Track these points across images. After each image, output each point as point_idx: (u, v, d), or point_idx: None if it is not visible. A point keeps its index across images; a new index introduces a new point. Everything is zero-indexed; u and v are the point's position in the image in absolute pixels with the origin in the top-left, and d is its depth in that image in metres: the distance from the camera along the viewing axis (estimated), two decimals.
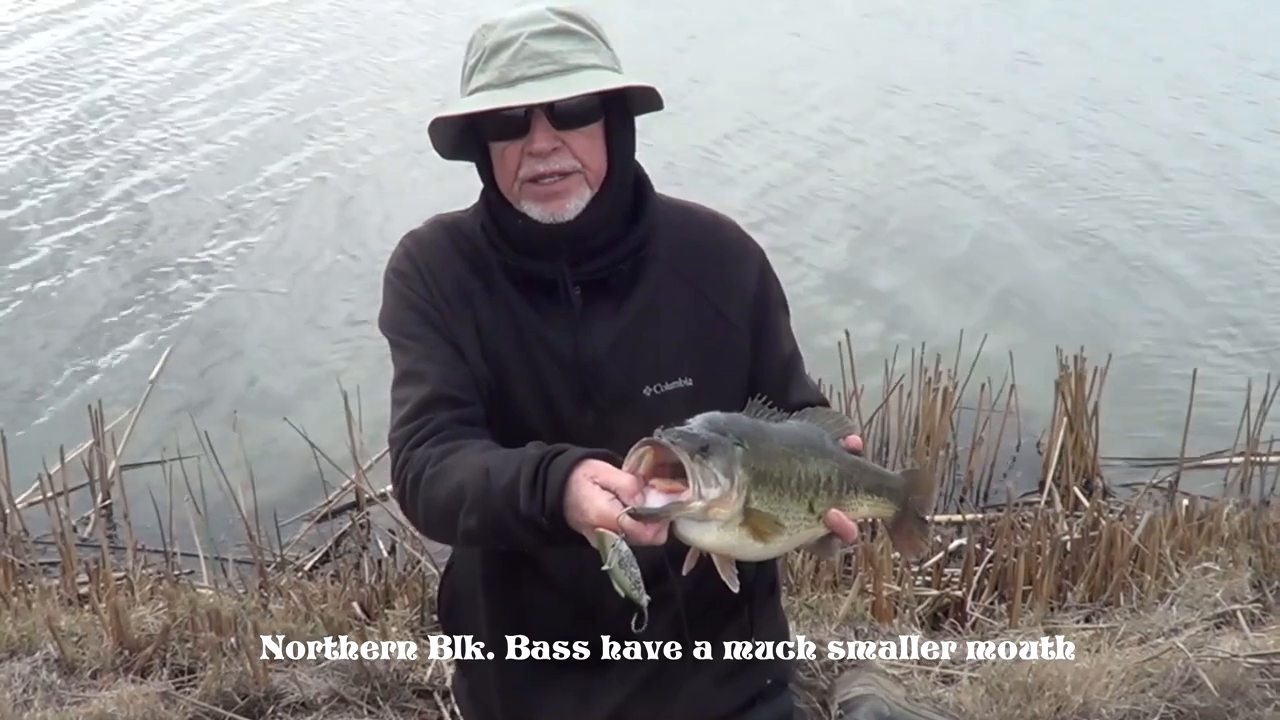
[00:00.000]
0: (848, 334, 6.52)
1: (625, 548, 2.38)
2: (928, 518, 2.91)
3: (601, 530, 2.38)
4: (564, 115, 2.74)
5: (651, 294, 2.94)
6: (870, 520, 2.75)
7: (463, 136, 2.89)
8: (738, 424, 2.43)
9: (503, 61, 2.71)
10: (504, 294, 2.94)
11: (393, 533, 6.13)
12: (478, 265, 2.96)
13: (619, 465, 2.42)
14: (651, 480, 2.38)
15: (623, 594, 2.40)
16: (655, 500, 2.36)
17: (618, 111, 2.84)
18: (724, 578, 2.50)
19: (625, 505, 2.36)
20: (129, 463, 6.78)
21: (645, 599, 2.42)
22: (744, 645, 3.20)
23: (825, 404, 3.04)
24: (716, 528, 2.39)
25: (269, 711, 4.28)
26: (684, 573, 2.53)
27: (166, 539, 6.04)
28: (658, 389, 2.91)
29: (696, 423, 2.39)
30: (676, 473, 2.36)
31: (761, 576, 3.23)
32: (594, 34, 2.81)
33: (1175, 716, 4.11)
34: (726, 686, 3.20)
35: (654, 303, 2.94)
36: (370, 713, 4.27)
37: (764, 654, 3.25)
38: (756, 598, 3.21)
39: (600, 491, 2.41)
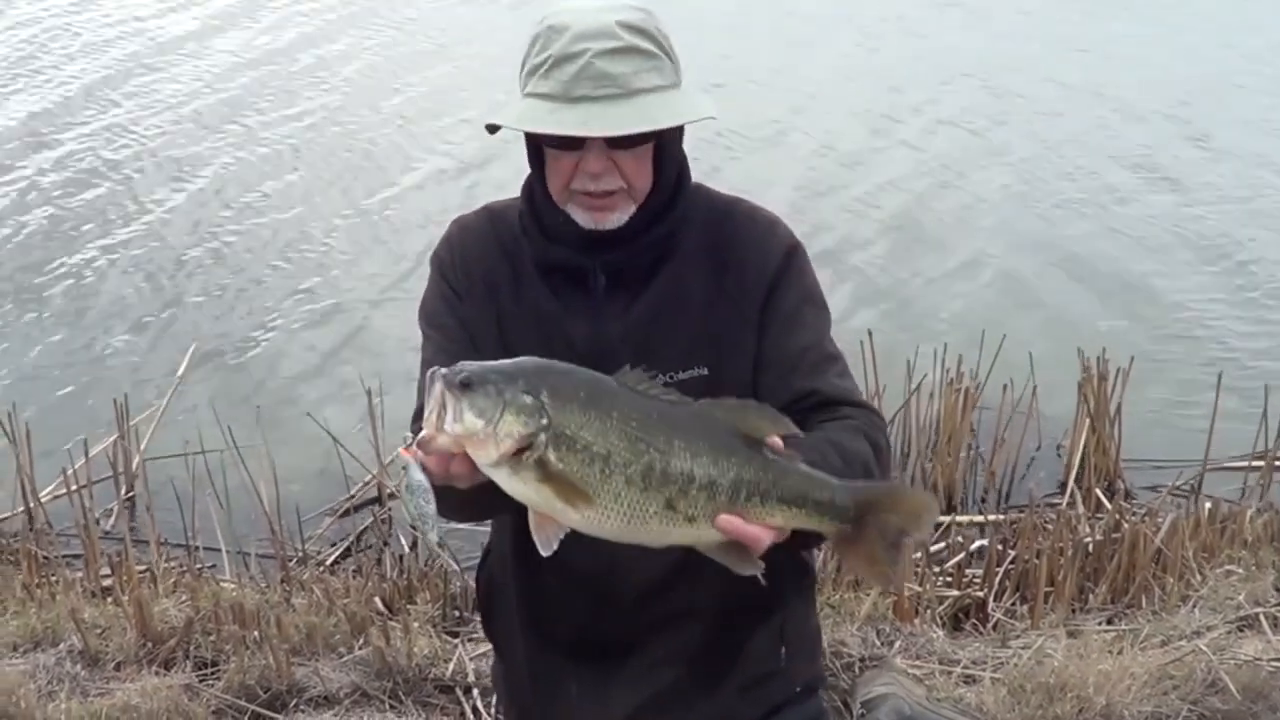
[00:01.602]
0: (870, 334, 6.51)
1: (417, 475, 2.43)
2: (904, 544, 2.57)
3: (401, 454, 2.44)
4: (619, 140, 2.75)
5: (672, 284, 2.94)
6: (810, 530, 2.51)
7: None
8: (546, 377, 2.42)
9: (566, 76, 2.71)
10: (530, 283, 2.97)
11: (415, 528, 6.12)
12: (510, 254, 2.99)
13: None
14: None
15: (409, 519, 2.45)
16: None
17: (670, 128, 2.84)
18: (535, 539, 2.48)
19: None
20: (152, 456, 6.80)
21: (434, 535, 2.45)
22: (773, 653, 3.19)
23: (860, 405, 2.93)
24: (506, 474, 2.38)
25: (291, 705, 4.31)
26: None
27: (189, 532, 6.08)
28: (672, 377, 2.87)
29: (501, 363, 2.43)
30: None
31: (795, 583, 3.21)
32: (660, 49, 2.80)
33: (1198, 719, 4.11)
34: (751, 694, 3.17)
35: (674, 292, 2.94)
36: (392, 707, 4.29)
37: (794, 661, 3.24)
38: (790, 605, 3.19)
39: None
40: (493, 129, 2.84)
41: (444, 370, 2.39)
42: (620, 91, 2.72)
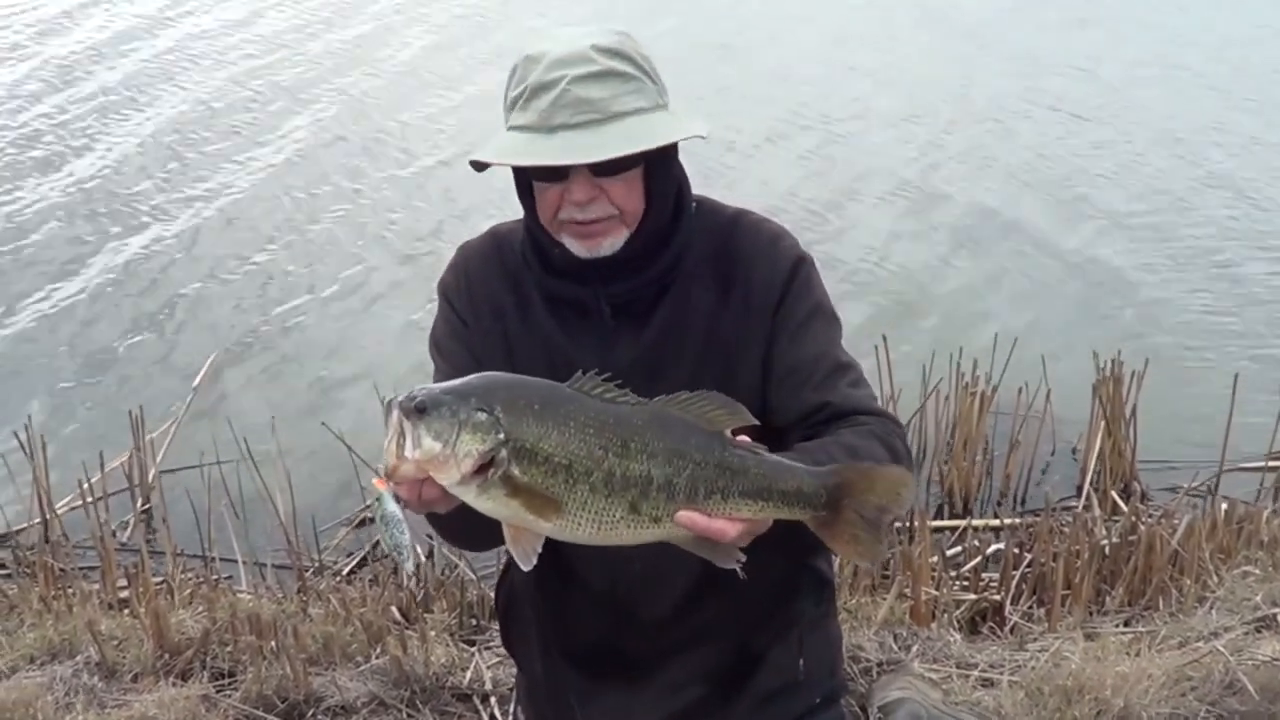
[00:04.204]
0: (885, 338, 6.51)
1: (391, 507, 2.44)
2: (884, 521, 2.57)
3: (375, 485, 2.45)
4: (603, 166, 2.71)
5: (679, 307, 2.93)
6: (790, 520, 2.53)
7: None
8: (498, 392, 2.43)
9: (544, 105, 2.68)
10: (536, 312, 2.96)
11: (430, 537, 6.12)
12: (516, 280, 2.99)
13: None
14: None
15: (385, 550, 2.46)
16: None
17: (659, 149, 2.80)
18: (513, 554, 2.49)
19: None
20: (168, 467, 6.82)
21: (409, 564, 2.47)
22: (792, 666, 3.18)
23: (874, 413, 2.90)
24: (474, 493, 2.39)
25: (309, 715, 4.31)
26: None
27: (205, 544, 6.09)
28: None
29: (455, 383, 2.44)
30: None
31: (813, 595, 3.20)
32: (639, 71, 2.76)
33: None
34: (771, 706, 3.16)
35: (681, 315, 2.92)
36: (410, 716, 4.29)
37: (813, 673, 3.23)
38: (808, 618, 3.19)
39: None
40: (479, 167, 2.82)
41: (399, 397, 2.39)
42: (599, 117, 2.68)
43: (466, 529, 2.66)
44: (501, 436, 2.38)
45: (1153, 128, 12.27)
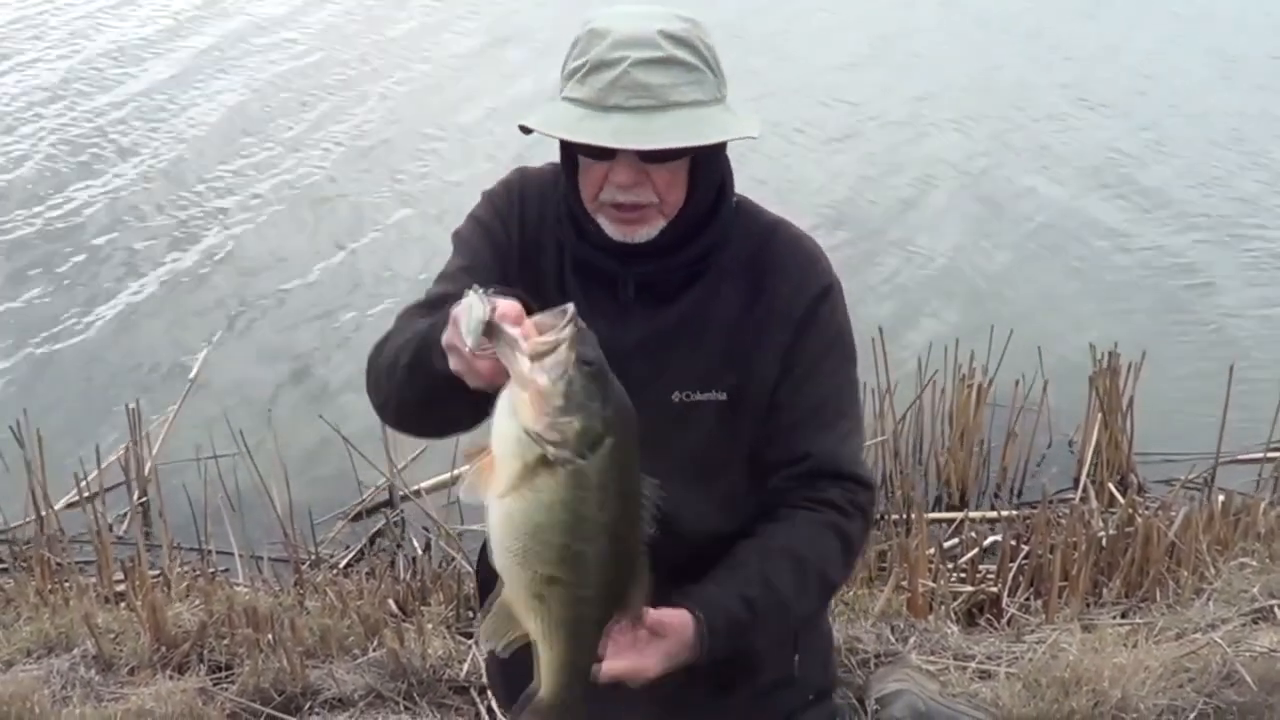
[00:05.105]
0: (881, 331, 6.51)
1: (478, 315, 2.29)
2: None
3: (474, 298, 2.30)
4: (651, 152, 2.70)
5: (701, 302, 2.92)
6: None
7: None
8: (625, 431, 2.35)
9: (602, 83, 2.66)
10: (566, 266, 2.96)
11: (427, 530, 6.14)
12: (558, 228, 2.97)
13: None
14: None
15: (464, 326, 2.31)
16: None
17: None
18: (464, 476, 2.40)
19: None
20: (164, 461, 6.81)
21: (471, 339, 2.32)
22: (786, 661, 3.17)
23: (848, 478, 2.94)
24: (514, 427, 2.28)
25: (306, 707, 4.30)
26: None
27: (202, 537, 6.08)
28: (688, 396, 2.89)
29: (615, 383, 2.36)
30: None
31: None
32: (702, 62, 2.74)
33: (1213, 712, 4.10)
34: (764, 702, 3.16)
35: (702, 311, 2.92)
36: (407, 708, 4.29)
37: (807, 668, 3.22)
38: None
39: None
40: (526, 130, 2.76)
41: (582, 326, 2.31)
42: (655, 103, 2.66)
43: (443, 393, 2.54)
44: (584, 454, 2.30)
45: (1153, 123, 12.27)
